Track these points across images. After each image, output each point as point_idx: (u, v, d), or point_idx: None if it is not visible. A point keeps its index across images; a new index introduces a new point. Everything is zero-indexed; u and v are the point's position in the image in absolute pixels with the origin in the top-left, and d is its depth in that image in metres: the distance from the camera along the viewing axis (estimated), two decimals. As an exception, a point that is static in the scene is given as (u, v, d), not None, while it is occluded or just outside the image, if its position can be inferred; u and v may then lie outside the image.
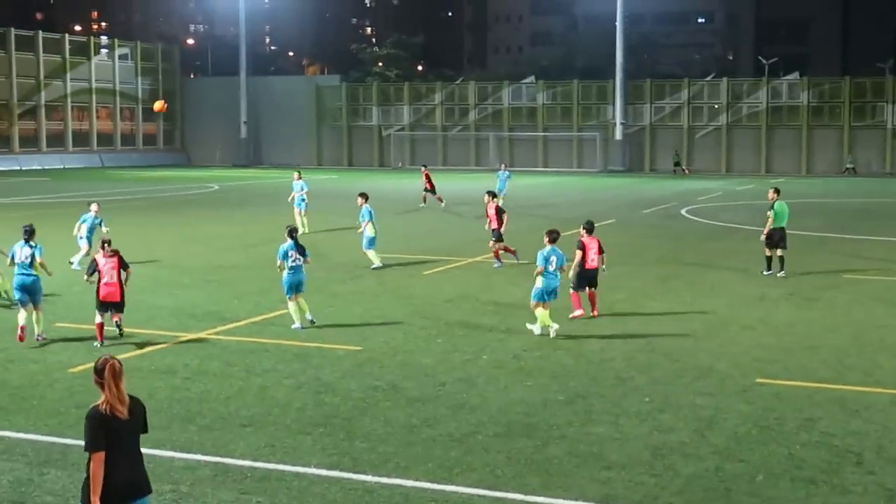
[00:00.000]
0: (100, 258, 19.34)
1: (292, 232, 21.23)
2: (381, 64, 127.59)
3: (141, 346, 19.18)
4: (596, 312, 22.31)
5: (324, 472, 12.42)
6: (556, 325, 20.10)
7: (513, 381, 16.68)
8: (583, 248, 22.11)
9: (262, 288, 25.29)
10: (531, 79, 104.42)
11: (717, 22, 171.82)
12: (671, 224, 44.53)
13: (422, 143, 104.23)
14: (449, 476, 12.28)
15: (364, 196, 30.38)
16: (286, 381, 16.67)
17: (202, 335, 20.25)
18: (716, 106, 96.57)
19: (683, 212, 49.98)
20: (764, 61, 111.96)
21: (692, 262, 31.52)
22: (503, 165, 56.74)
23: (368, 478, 12.20)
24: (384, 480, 12.12)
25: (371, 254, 29.50)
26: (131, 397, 8.87)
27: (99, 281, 19.25)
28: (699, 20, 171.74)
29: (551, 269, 19.92)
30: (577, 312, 21.90)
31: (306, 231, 36.91)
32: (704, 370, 17.53)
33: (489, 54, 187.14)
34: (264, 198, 56.17)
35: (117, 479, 8.64)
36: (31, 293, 19.37)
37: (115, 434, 8.62)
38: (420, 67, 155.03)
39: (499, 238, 29.79)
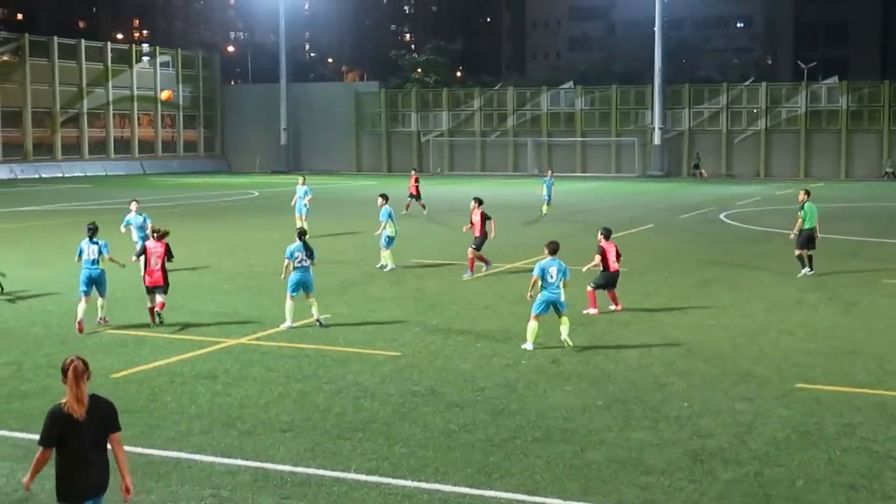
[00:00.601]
0: (150, 243, 21.69)
1: (301, 234, 22.02)
2: (419, 70, 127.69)
3: (182, 350, 19.35)
4: (619, 307, 23.31)
5: (363, 476, 12.48)
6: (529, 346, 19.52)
7: (552, 386, 16.70)
8: (602, 252, 23.15)
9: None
10: (569, 84, 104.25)
11: (755, 26, 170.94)
12: (710, 228, 44.38)
13: (460, 149, 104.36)
14: (488, 481, 12.31)
15: (384, 197, 31.16)
16: (326, 386, 16.75)
17: (243, 340, 20.38)
18: (754, 110, 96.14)
19: (722, 216, 49.79)
20: (803, 65, 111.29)
21: (731, 266, 31.41)
22: (549, 172, 56.45)
23: (408, 483, 12.25)
24: (423, 485, 12.17)
25: (386, 254, 30.03)
26: (99, 398, 9.12)
27: (146, 268, 21.45)
28: (738, 24, 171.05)
29: (551, 280, 19.31)
30: (592, 311, 22.91)
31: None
32: (744, 375, 17.48)
33: (527, 60, 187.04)
34: (304, 204, 56.17)
35: (75, 477, 8.87)
36: (97, 284, 21.37)
37: (72, 433, 8.85)
38: (459, 73, 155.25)
39: (478, 246, 29.88)
